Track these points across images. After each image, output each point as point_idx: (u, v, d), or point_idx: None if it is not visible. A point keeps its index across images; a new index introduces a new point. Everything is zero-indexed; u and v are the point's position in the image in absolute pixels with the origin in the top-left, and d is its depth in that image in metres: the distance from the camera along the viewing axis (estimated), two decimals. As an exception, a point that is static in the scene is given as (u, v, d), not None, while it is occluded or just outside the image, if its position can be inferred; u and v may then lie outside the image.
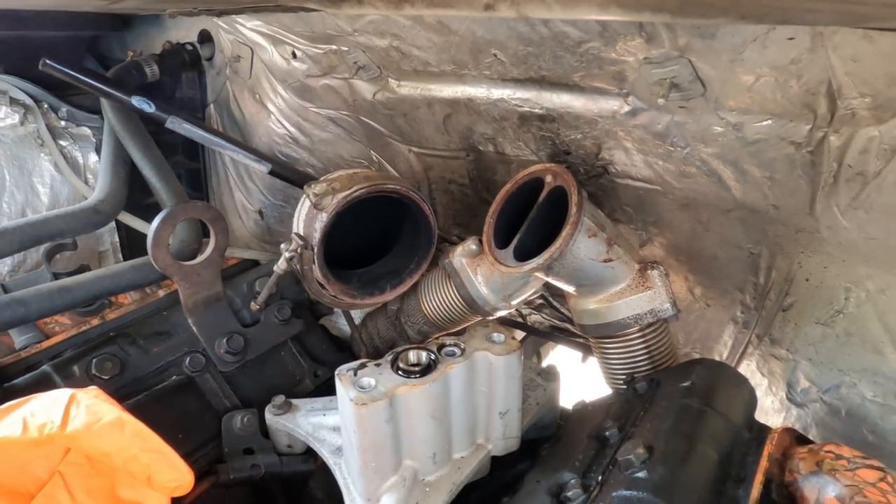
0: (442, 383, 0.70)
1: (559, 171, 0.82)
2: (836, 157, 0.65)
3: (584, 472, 0.64)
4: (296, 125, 1.29)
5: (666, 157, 0.80)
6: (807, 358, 0.85)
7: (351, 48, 1.01)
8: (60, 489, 0.73)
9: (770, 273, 0.84)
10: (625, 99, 0.77)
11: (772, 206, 0.76)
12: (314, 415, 0.90)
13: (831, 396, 0.83)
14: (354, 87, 1.10)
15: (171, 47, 1.41)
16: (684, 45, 0.65)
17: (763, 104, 0.65)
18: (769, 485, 0.59)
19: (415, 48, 0.92)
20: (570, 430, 0.78)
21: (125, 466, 0.72)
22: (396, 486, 0.71)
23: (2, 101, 1.32)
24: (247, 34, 1.22)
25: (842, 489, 0.58)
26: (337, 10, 0.62)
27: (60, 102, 1.42)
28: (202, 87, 1.47)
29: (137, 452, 0.72)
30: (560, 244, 0.76)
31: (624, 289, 0.83)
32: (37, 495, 0.73)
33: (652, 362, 0.85)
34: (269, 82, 1.27)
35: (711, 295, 0.95)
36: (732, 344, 0.96)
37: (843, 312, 0.78)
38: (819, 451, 0.63)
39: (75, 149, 1.42)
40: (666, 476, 0.57)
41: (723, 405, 0.67)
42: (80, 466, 0.76)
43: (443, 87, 0.97)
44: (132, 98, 1.13)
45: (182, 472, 0.74)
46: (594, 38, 0.71)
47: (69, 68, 1.11)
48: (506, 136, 0.97)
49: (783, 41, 0.60)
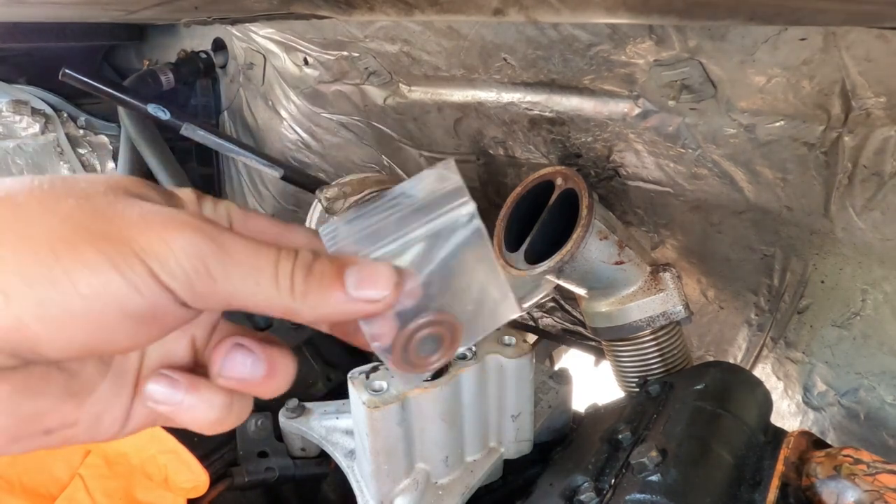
0: (453, 386, 0.70)
1: (570, 173, 0.82)
2: (851, 157, 0.64)
3: (597, 475, 0.64)
4: (308, 131, 1.31)
5: (677, 159, 0.80)
6: (823, 361, 0.84)
7: (362, 54, 1.03)
8: (81, 491, 0.75)
9: (784, 275, 0.83)
10: (635, 101, 0.77)
11: (785, 207, 0.75)
12: (327, 418, 0.90)
13: (849, 400, 0.82)
14: (365, 93, 1.11)
15: (185, 56, 1.43)
16: (694, 47, 0.65)
17: (775, 105, 0.65)
18: (786, 489, 0.59)
19: (425, 53, 0.93)
20: (583, 434, 0.78)
21: (142, 467, 0.73)
22: (409, 488, 0.71)
23: (24, 111, 1.35)
24: (260, 42, 1.24)
25: (861, 494, 0.57)
26: (348, 17, 0.63)
27: (79, 111, 1.45)
28: (216, 94, 1.49)
29: (154, 454, 0.73)
30: (571, 247, 0.76)
31: (636, 291, 0.83)
32: (58, 497, 0.74)
33: (665, 365, 0.84)
34: (281, 89, 1.29)
35: (725, 297, 0.94)
36: (747, 347, 0.95)
37: (860, 314, 0.77)
38: (837, 456, 0.62)
39: (93, 157, 1.45)
40: (679, 479, 0.56)
41: (737, 408, 0.67)
42: (97, 468, 0.77)
43: (453, 91, 0.97)
44: (148, 106, 1.15)
45: (197, 473, 0.75)
46: (604, 41, 0.72)
47: (88, 78, 1.13)
48: (516, 139, 0.97)
49: (795, 42, 0.59)
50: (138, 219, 0.27)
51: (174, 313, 0.28)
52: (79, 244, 0.25)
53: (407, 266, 0.32)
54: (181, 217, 0.28)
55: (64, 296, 0.25)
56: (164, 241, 0.27)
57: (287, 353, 0.33)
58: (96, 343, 0.27)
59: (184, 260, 0.27)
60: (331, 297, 0.30)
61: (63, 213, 0.26)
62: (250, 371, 0.31)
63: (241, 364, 0.31)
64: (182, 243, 0.27)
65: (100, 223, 0.26)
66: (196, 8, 0.78)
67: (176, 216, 0.28)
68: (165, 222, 0.27)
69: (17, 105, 1.34)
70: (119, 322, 0.26)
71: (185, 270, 0.27)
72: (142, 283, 0.26)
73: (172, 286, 0.27)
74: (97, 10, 1.01)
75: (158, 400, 0.31)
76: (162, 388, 0.31)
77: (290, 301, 0.29)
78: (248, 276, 0.28)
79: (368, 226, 0.33)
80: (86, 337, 0.26)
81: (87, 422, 0.30)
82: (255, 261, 0.28)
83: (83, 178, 0.29)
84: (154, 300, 0.27)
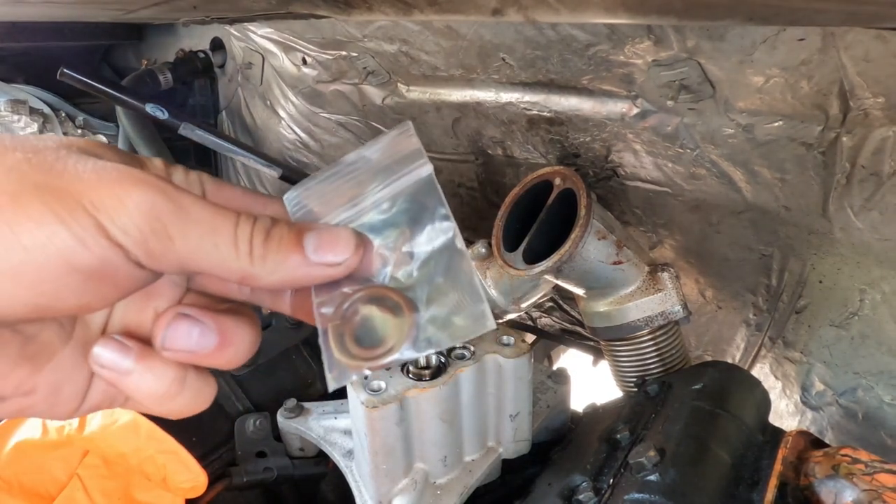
0: (452, 386, 0.70)
1: (568, 173, 0.82)
2: (849, 157, 0.64)
3: (595, 474, 0.64)
4: (306, 130, 1.31)
5: (675, 160, 0.80)
6: (821, 360, 0.84)
7: (360, 54, 1.02)
8: (79, 491, 0.74)
9: (782, 275, 0.83)
10: (633, 101, 0.77)
11: (783, 207, 0.75)
12: (325, 418, 0.90)
13: (847, 400, 0.82)
14: (364, 92, 1.11)
15: (184, 55, 1.43)
16: (693, 47, 0.65)
17: (773, 105, 0.65)
18: (784, 488, 0.59)
19: (423, 53, 0.93)
20: (581, 433, 0.78)
21: (140, 467, 0.73)
22: (408, 488, 0.71)
23: (22, 111, 1.35)
24: (258, 41, 1.24)
25: (860, 494, 0.57)
26: (347, 16, 0.63)
27: (77, 111, 1.45)
28: (214, 93, 1.49)
29: (153, 454, 0.73)
30: (569, 247, 0.76)
31: (634, 291, 0.83)
32: (57, 497, 0.74)
33: (663, 365, 0.85)
34: (279, 88, 1.29)
35: (723, 297, 0.94)
36: (745, 346, 0.95)
37: (858, 314, 0.77)
38: (835, 455, 0.62)
39: (91, 156, 1.44)
40: (677, 479, 0.56)
41: (735, 407, 0.67)
42: (96, 468, 0.77)
43: (451, 91, 0.97)
44: (146, 105, 1.15)
45: (196, 472, 0.75)
46: (602, 41, 0.72)
47: (86, 77, 1.13)
48: (514, 139, 0.97)
49: (793, 42, 0.59)
50: (91, 174, 0.26)
51: (127, 273, 0.27)
52: (22, 196, 0.24)
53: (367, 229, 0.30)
54: (138, 174, 0.27)
55: (5, 248, 0.24)
56: (116, 197, 0.26)
57: (246, 322, 0.32)
58: (43, 301, 0.26)
59: (137, 216, 0.26)
60: (289, 261, 0.29)
61: (7, 166, 0.25)
62: (197, 342, 0.30)
63: (185, 335, 0.30)
64: (137, 200, 0.26)
65: (47, 177, 0.25)
66: (194, 7, 0.78)
67: (132, 173, 0.27)
68: (121, 178, 0.26)
69: (16, 104, 1.34)
70: (65, 278, 0.25)
71: (138, 227, 0.26)
72: (89, 237, 0.25)
73: (123, 242, 0.26)
74: (95, 9, 1.00)
75: (104, 364, 0.30)
76: (108, 353, 0.30)
77: (249, 264, 0.28)
78: (206, 236, 0.27)
79: (329, 191, 0.33)
80: (30, 293, 0.25)
81: (45, 391, 0.29)
82: (214, 222, 0.28)
83: (36, 136, 0.28)
84: (103, 255, 0.26)
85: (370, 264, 0.31)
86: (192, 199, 0.28)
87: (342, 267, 0.30)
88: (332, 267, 0.30)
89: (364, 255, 0.30)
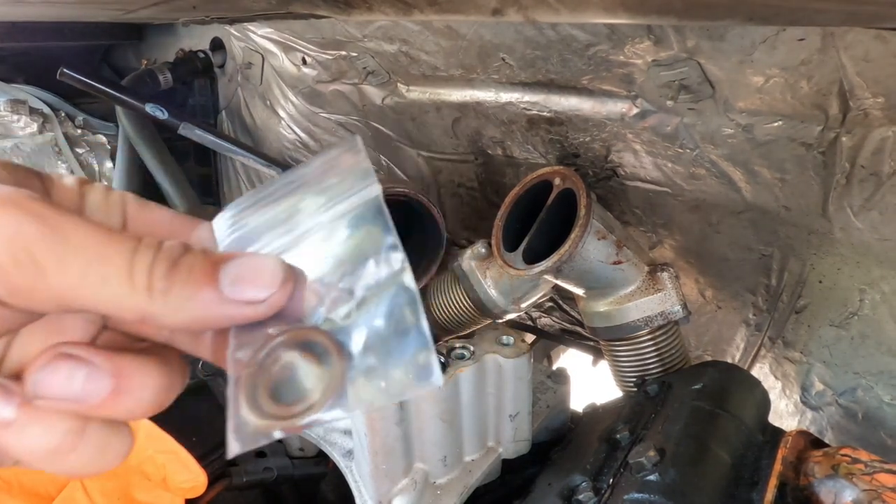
0: (452, 386, 0.70)
1: (568, 173, 0.82)
2: (849, 157, 0.64)
3: (595, 474, 0.64)
4: (306, 130, 1.31)
5: (675, 159, 0.80)
6: (821, 360, 0.84)
7: (360, 54, 1.02)
8: (79, 491, 0.75)
9: (782, 275, 0.84)
10: (633, 101, 0.77)
11: (783, 207, 0.75)
12: (325, 418, 0.90)
13: (847, 399, 0.82)
14: (364, 93, 1.11)
15: (183, 55, 1.43)
16: (693, 47, 0.65)
17: (773, 105, 0.65)
18: (783, 488, 0.59)
19: (423, 53, 0.93)
20: (581, 433, 0.78)
21: (140, 468, 0.73)
22: (407, 488, 0.71)
23: (22, 111, 1.35)
24: (258, 41, 1.24)
25: (859, 494, 0.57)
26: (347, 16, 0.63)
27: (77, 111, 1.45)
28: (214, 93, 1.49)
29: (152, 454, 0.73)
30: (569, 246, 0.76)
31: (634, 291, 0.83)
32: (57, 497, 0.74)
33: (663, 365, 0.85)
34: (279, 88, 1.29)
35: (723, 297, 0.94)
36: (745, 346, 0.95)
37: (858, 314, 0.77)
38: (835, 455, 0.62)
39: (91, 156, 1.44)
40: (677, 479, 0.56)
41: (735, 407, 0.67)
42: (96, 468, 0.77)
43: (451, 91, 0.97)
44: (146, 105, 1.15)
45: (195, 472, 0.75)
46: (602, 41, 0.72)
47: (86, 77, 1.13)
48: (514, 139, 0.97)
49: (793, 42, 0.59)
50: None
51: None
52: None
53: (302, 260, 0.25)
54: (3, 194, 0.23)
55: None
56: None
57: (156, 365, 0.26)
58: None
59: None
60: (199, 297, 0.24)
61: None
62: (83, 388, 0.23)
63: (63, 379, 0.23)
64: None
65: None
66: (194, 7, 0.78)
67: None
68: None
69: (15, 104, 1.34)
70: None
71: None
72: None
73: None
74: (95, 9, 1.00)
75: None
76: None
77: (147, 301, 0.23)
78: (91, 267, 0.22)
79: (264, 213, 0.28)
80: None
81: None
82: (102, 250, 0.23)
83: None
84: None
85: (301, 302, 0.25)
86: (76, 223, 0.23)
87: (265, 305, 0.24)
88: (253, 305, 0.24)
89: (294, 291, 0.25)
